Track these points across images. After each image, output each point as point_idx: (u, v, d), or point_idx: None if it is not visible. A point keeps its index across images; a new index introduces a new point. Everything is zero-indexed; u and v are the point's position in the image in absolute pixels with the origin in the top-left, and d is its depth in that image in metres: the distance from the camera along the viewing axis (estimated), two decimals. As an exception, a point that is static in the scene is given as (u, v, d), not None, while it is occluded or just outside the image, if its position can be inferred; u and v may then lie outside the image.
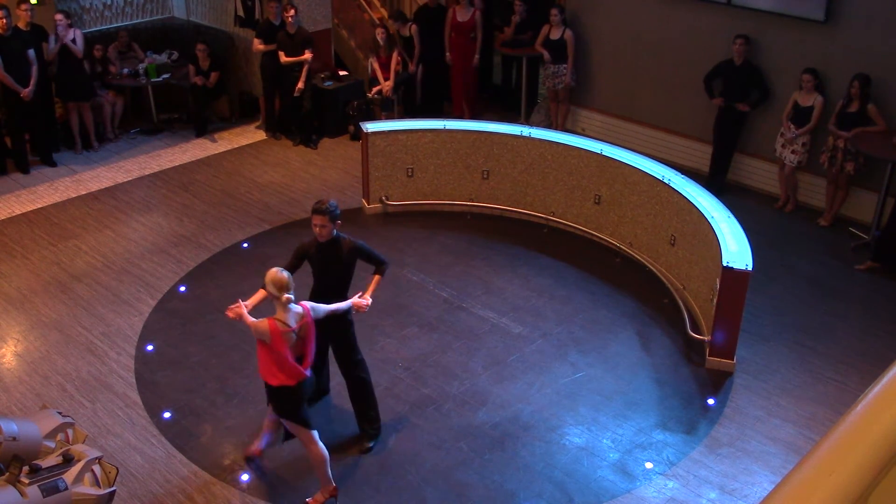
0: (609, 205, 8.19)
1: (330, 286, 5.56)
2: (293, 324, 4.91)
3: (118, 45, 10.88)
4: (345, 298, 5.54)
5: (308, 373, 5.07)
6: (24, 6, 9.36)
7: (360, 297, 5.45)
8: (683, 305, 7.32)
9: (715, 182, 9.19)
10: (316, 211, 5.34)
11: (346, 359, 5.76)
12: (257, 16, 10.93)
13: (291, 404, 5.09)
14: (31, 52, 9.42)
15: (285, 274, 4.91)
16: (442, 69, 11.18)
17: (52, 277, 7.79)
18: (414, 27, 10.89)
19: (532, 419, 6.14)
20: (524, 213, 8.79)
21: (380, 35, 10.62)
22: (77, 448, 4.81)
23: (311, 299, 5.64)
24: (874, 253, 8.05)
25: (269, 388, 5.11)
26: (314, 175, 9.94)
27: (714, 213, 6.97)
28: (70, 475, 4.59)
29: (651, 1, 9.83)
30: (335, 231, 5.43)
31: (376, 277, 5.57)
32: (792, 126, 8.76)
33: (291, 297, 4.90)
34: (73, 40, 9.86)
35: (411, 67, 10.97)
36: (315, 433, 5.17)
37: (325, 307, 5.27)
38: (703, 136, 9.72)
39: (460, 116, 11.00)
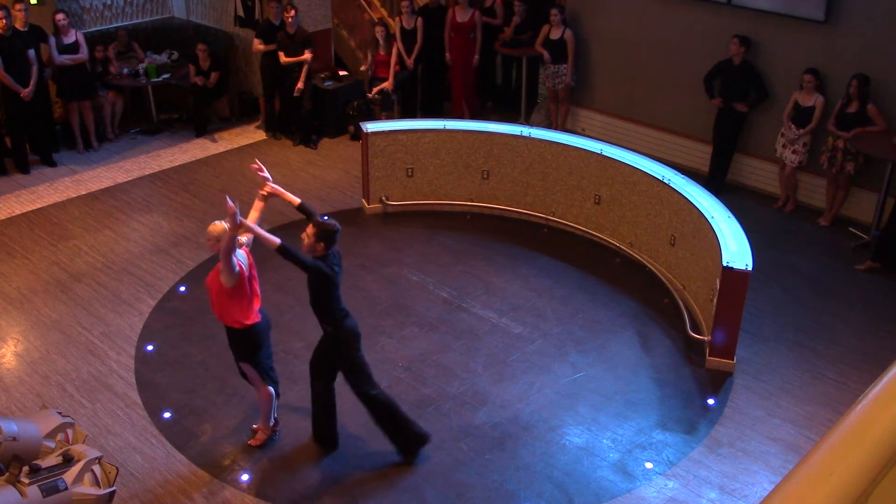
0: (609, 205, 8.19)
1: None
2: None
3: (118, 45, 10.88)
4: (325, 318, 5.40)
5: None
6: (18, 6, 9.34)
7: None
8: (683, 305, 7.31)
9: (715, 182, 9.19)
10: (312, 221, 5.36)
11: (352, 385, 5.63)
12: (257, 16, 10.93)
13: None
14: (32, 53, 9.41)
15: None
16: (442, 69, 11.18)
17: (52, 277, 7.79)
18: (420, 20, 10.84)
19: (532, 419, 6.14)
20: (524, 213, 8.79)
21: (379, 33, 10.62)
22: (77, 448, 4.82)
23: None
24: (874, 253, 8.05)
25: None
26: (314, 175, 9.94)
27: (714, 213, 6.96)
28: (70, 475, 4.59)
29: (651, 1, 9.83)
30: (321, 249, 5.30)
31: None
32: (793, 126, 8.75)
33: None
34: (76, 42, 9.86)
35: (408, 63, 10.88)
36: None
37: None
38: (703, 136, 9.71)
39: (460, 116, 11.00)
